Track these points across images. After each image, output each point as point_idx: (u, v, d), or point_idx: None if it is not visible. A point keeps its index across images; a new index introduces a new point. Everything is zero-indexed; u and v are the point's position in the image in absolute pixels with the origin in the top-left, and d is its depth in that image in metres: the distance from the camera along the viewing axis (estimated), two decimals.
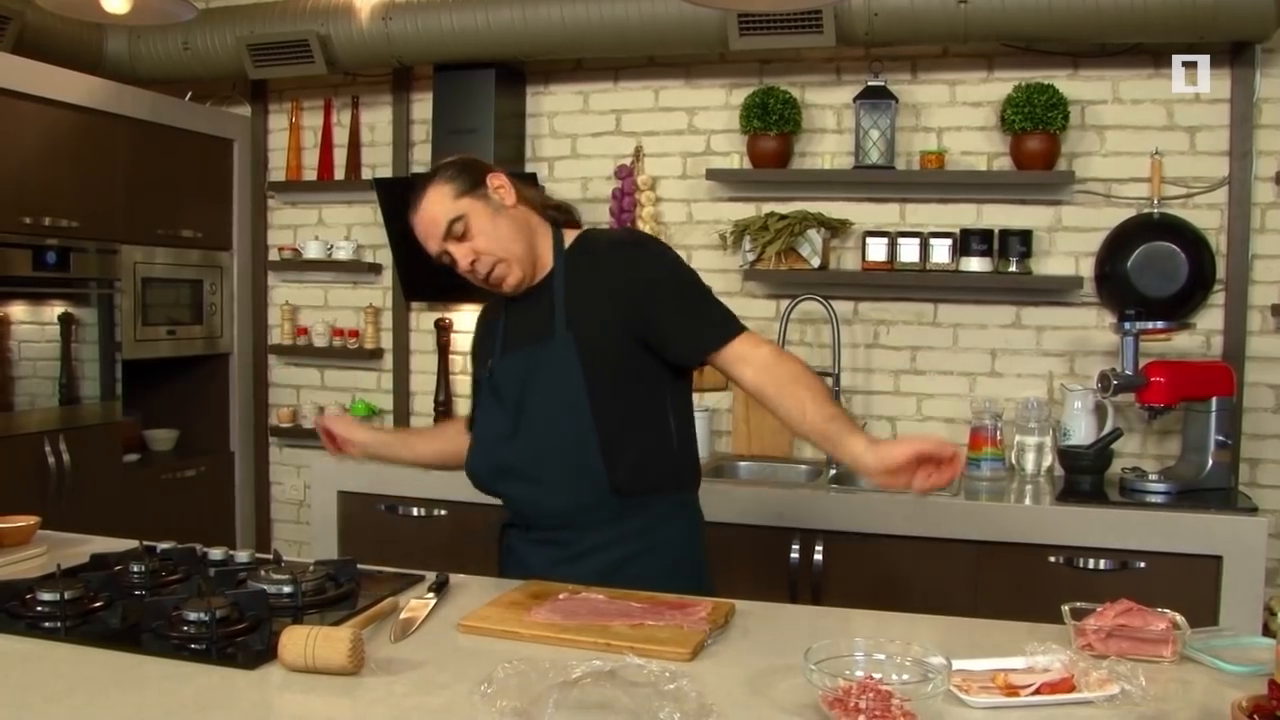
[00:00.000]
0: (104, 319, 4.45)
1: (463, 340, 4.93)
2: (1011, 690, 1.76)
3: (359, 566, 2.42)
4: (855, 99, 4.22)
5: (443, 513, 4.11)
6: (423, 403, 4.99)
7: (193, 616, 2.00)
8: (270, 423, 5.26)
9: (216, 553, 2.55)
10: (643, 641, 1.94)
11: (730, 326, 2.42)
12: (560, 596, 2.21)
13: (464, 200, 2.43)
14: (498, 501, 3.99)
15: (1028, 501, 3.73)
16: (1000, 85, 4.19)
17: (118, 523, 3.72)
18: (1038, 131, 4.00)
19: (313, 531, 4.30)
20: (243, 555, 2.53)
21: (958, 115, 4.28)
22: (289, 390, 5.27)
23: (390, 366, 5.04)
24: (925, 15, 3.83)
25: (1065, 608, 2.07)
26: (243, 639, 2.00)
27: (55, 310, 4.26)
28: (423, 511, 4.14)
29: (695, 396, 4.38)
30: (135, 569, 2.38)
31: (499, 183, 2.48)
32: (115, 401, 4.51)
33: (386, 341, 5.04)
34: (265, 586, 2.20)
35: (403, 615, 2.13)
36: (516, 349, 2.54)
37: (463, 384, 4.94)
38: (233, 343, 5.13)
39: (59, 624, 2.09)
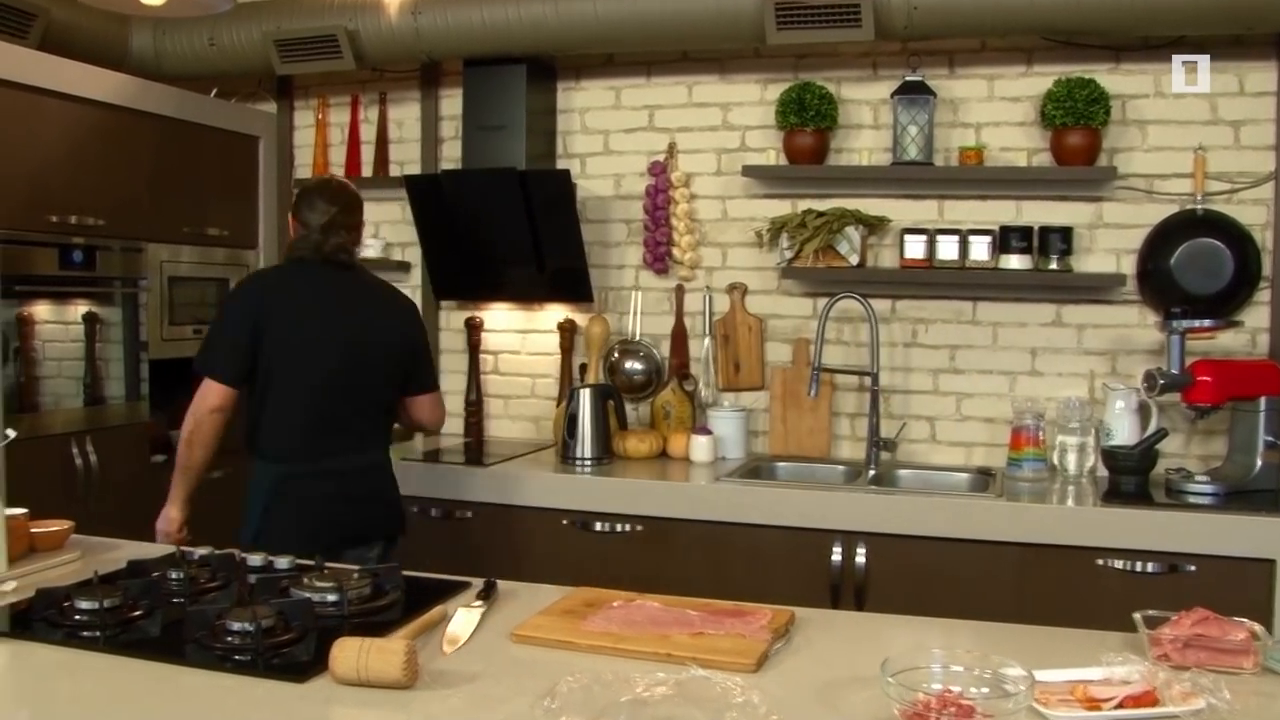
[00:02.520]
0: (129, 318, 4.40)
1: (493, 339, 4.87)
2: (1093, 704, 1.69)
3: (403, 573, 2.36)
4: (893, 94, 4.15)
5: (477, 515, 4.04)
6: (453, 402, 4.89)
7: (237, 627, 1.95)
8: None
9: (255, 558, 2.49)
10: (705, 652, 1.88)
11: (198, 362, 3.28)
12: (614, 604, 2.15)
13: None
14: (525, 503, 3.98)
15: (1070, 503, 3.66)
16: (1039, 80, 4.11)
17: (146, 525, 3.67)
18: (1079, 126, 3.92)
19: None
20: (282, 562, 2.47)
21: (996, 110, 4.20)
22: None
23: None
24: (965, 8, 3.74)
25: (1138, 616, 2.00)
26: (288, 650, 1.94)
27: (80, 309, 4.21)
28: (457, 514, 4.08)
29: (731, 396, 4.37)
30: (173, 575, 2.33)
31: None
32: (141, 402, 4.46)
33: None
34: (310, 595, 2.14)
35: (452, 624, 2.07)
36: None
37: (493, 383, 4.88)
38: None
39: (98, 633, 2.04)
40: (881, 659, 1.69)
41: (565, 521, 3.94)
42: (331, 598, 2.15)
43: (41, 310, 4.04)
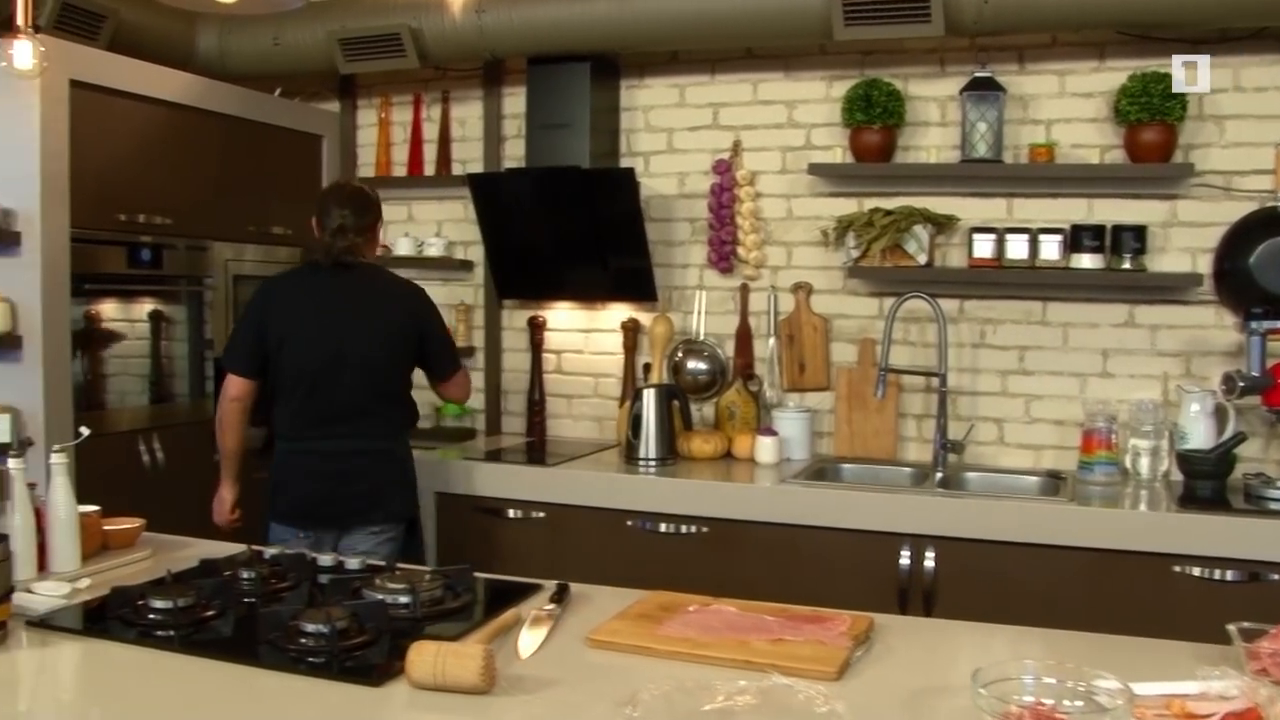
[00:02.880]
0: (193, 316, 4.42)
1: (556, 338, 4.85)
2: None
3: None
4: (961, 91, 4.08)
5: (541, 515, 4.03)
6: (515, 402, 4.91)
7: (311, 628, 1.93)
8: None
9: (326, 559, 2.48)
10: (785, 659, 1.84)
11: (222, 358, 3.74)
12: (690, 609, 2.12)
13: None
14: (599, 504, 3.94)
15: (1143, 508, 3.58)
16: (1112, 75, 4.02)
17: (212, 522, 3.70)
18: (1154, 122, 3.83)
19: None
20: (353, 562, 2.45)
21: (1067, 107, 4.11)
22: None
23: (482, 365, 4.96)
24: (1039, 2, 3.67)
25: (1232, 628, 1.94)
26: (362, 653, 1.92)
27: (145, 308, 4.23)
28: (520, 514, 4.06)
29: (796, 396, 4.32)
30: (245, 575, 2.32)
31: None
32: (205, 399, 4.48)
33: (478, 340, 4.96)
34: (382, 596, 2.12)
35: (526, 628, 2.04)
36: None
37: (555, 383, 4.86)
38: None
39: (172, 633, 2.03)
40: (965, 667, 1.65)
41: (629, 523, 3.91)
42: (403, 599, 2.13)
43: (108, 308, 4.06)
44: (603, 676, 1.83)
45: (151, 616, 2.07)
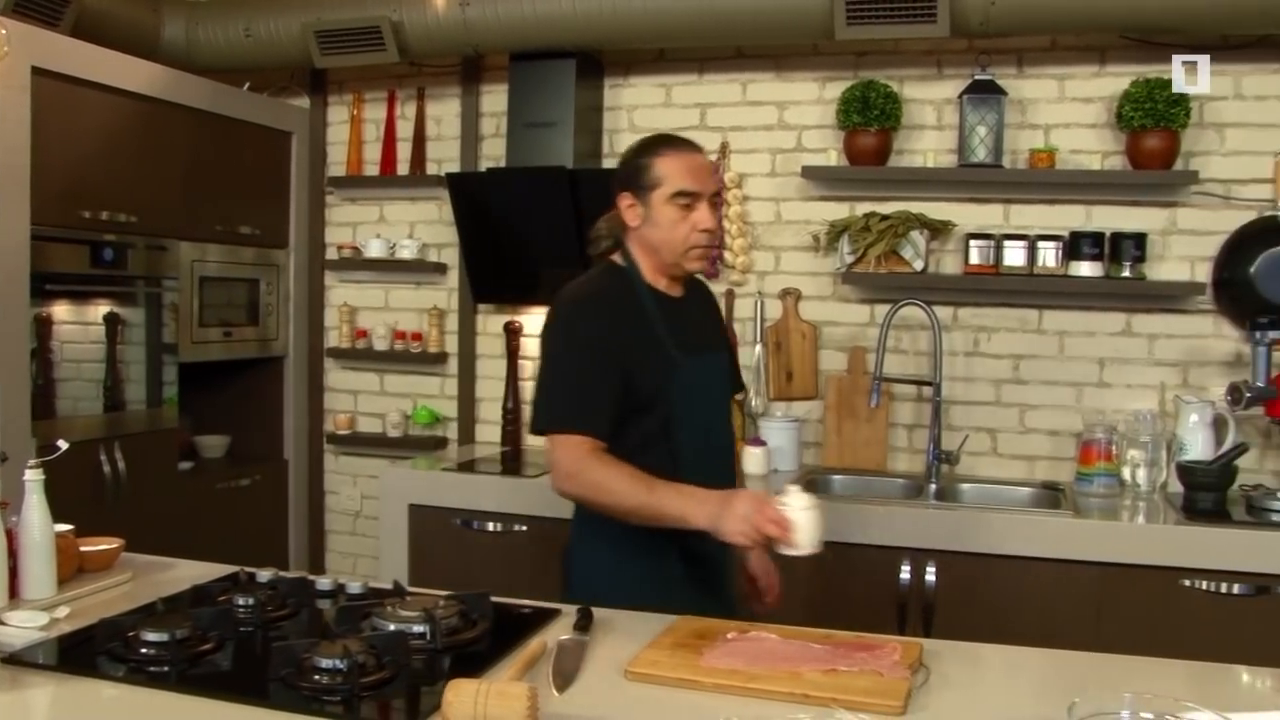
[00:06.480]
0: (152, 319, 4.21)
1: (533, 344, 4.67)
2: None
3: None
4: (961, 94, 3.98)
5: (522, 528, 3.87)
6: (489, 410, 4.74)
7: (326, 664, 1.76)
8: (326, 429, 5.01)
9: (325, 582, 2.31)
10: (844, 692, 1.72)
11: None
12: (729, 636, 1.98)
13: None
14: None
15: (1145, 520, 3.49)
16: (1113, 80, 3.94)
17: (175, 535, 3.50)
18: (1158, 129, 3.75)
19: (381, 546, 4.05)
20: (355, 585, 2.29)
21: (1067, 112, 4.03)
22: (346, 395, 5.02)
23: (455, 371, 4.79)
24: (1047, 4, 3.58)
25: None
26: (382, 690, 1.76)
27: (101, 310, 4.03)
28: (500, 526, 3.90)
29: (783, 405, 4.20)
30: (241, 602, 2.14)
31: None
32: (165, 406, 4.27)
33: (451, 345, 4.79)
34: (397, 626, 1.96)
35: (556, 660, 1.89)
36: (703, 352, 2.63)
37: (531, 391, 4.68)
38: (288, 345, 4.88)
39: (167, 668, 1.85)
40: (1034, 697, 1.56)
41: None
42: (418, 628, 1.97)
43: (60, 310, 3.85)
44: (650, 713, 1.69)
45: (144, 651, 1.88)
